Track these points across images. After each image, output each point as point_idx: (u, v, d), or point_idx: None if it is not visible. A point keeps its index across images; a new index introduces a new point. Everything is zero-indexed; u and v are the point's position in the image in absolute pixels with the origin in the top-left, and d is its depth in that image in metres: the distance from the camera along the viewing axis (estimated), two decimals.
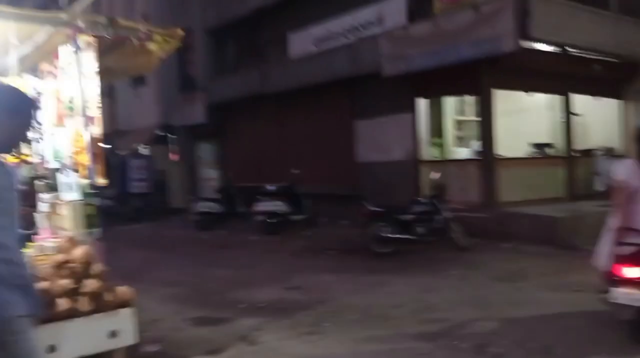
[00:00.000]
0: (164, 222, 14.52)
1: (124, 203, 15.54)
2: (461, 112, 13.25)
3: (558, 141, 11.57)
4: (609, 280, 4.30)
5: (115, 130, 20.18)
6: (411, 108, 11.71)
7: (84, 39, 4.09)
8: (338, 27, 13.37)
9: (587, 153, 11.83)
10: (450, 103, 12.92)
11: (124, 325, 3.84)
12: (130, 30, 4.29)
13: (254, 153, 15.66)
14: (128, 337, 3.86)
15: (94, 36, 4.12)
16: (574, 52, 10.93)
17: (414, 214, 9.10)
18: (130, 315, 3.94)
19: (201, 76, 17.38)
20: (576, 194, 11.18)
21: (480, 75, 10.43)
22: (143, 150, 18.34)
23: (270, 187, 12.14)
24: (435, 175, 9.87)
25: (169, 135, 17.92)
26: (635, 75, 12.20)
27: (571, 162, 11.35)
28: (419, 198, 9.55)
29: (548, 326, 4.93)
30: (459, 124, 13.35)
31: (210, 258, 9.25)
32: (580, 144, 11.88)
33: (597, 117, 12.41)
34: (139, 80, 19.59)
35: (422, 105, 11.82)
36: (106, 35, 4.11)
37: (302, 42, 14.26)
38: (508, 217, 9.72)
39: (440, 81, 11.05)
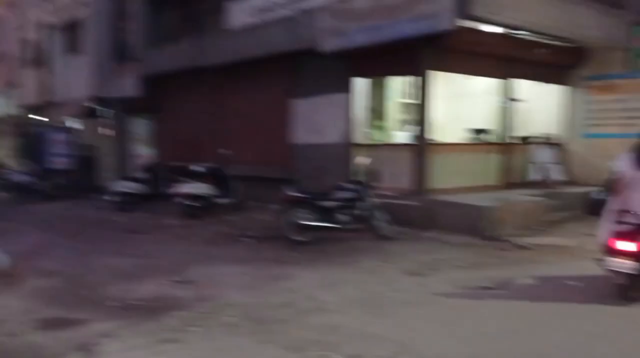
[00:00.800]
0: (84, 202, 13.57)
1: (43, 179, 14.49)
2: (406, 94, 12.69)
3: (496, 127, 11.10)
4: (607, 252, 5.28)
5: (47, 101, 19.00)
6: (348, 88, 11.03)
7: None
8: None
9: (526, 140, 11.42)
10: (394, 84, 12.33)
11: None
12: None
13: (189, 130, 14.80)
14: None
15: None
16: (518, 34, 10.44)
17: (336, 201, 8.53)
18: None
19: (137, 45, 16.30)
20: (511, 182, 10.79)
21: (419, 55, 9.83)
22: (71, 123, 17.20)
23: (195, 168, 11.37)
24: (363, 160, 9.29)
25: (101, 108, 16.81)
26: (582, 61, 11.80)
27: (508, 149, 10.91)
28: (344, 184, 8.94)
29: (428, 334, 4.41)
30: (403, 106, 12.82)
31: (113, 245, 8.48)
32: (519, 131, 11.46)
33: (540, 104, 11.97)
34: (73, 48, 18.36)
35: (360, 85, 11.15)
36: None
37: (241, 12, 13.34)
38: (436, 205, 9.24)
39: (379, 60, 10.44)
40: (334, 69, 11.20)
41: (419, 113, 9.99)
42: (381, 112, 12.69)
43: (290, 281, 6.13)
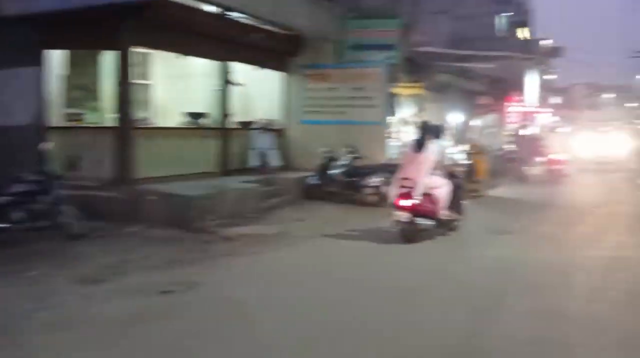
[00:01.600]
0: None
1: None
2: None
3: (215, 111, 10.63)
4: (394, 207, 7.24)
5: None
6: (40, 61, 9.29)
7: None
8: None
9: (245, 126, 11.23)
10: (111, 62, 10.91)
11: None
12: None
13: None
14: None
15: None
16: (232, 15, 10.08)
17: (10, 195, 6.95)
18: None
19: None
20: (229, 169, 10.46)
21: (121, 28, 8.69)
22: None
23: None
24: (46, 145, 7.82)
25: None
26: (299, 50, 12.05)
27: (226, 135, 10.54)
28: (23, 175, 7.35)
29: None
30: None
31: None
32: (239, 116, 11.20)
33: (260, 89, 11.94)
34: None
35: (59, 58, 9.56)
36: None
37: None
38: (142, 196, 8.30)
39: (75, 30, 8.99)
40: (21, 38, 9.33)
41: (119, 92, 8.91)
42: (97, 91, 11.22)
43: None
